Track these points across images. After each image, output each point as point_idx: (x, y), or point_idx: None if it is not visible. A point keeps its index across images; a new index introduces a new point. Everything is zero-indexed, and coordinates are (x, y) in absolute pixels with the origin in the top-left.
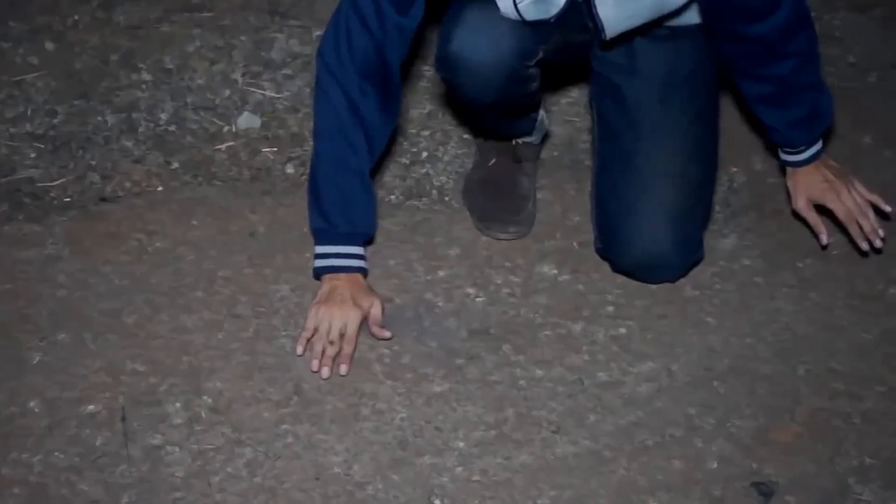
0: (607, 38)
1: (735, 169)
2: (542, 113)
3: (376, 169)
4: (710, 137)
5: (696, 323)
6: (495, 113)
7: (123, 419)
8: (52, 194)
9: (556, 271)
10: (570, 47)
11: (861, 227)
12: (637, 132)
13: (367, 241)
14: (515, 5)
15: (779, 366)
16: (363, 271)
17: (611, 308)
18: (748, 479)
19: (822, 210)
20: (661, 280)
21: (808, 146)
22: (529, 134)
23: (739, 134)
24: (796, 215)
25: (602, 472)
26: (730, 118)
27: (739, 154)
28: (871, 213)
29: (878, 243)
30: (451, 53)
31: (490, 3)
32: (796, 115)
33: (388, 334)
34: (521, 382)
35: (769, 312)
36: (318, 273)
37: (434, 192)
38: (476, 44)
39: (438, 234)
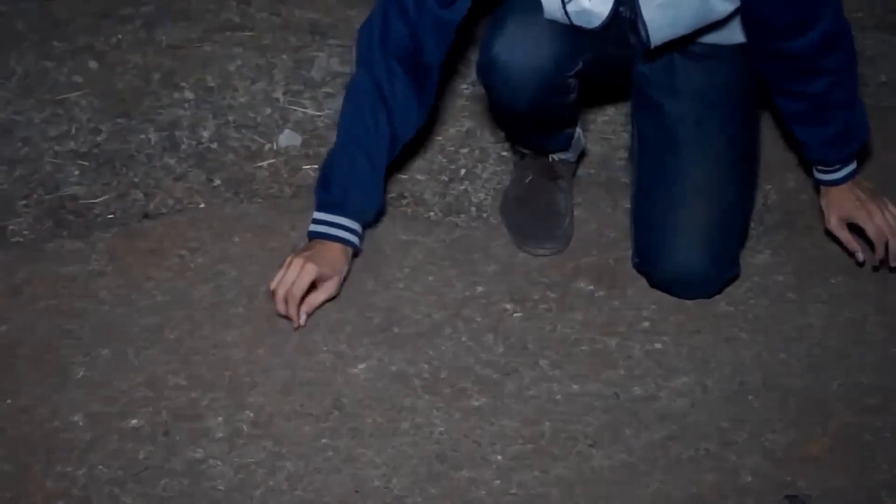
0: (652, 46)
1: (769, 186)
2: (578, 130)
3: (401, 161)
4: (748, 156)
5: (729, 338)
6: (532, 123)
7: (166, 433)
8: (95, 211)
9: (592, 287)
10: (610, 62)
11: (888, 247)
12: (676, 149)
13: (365, 218)
14: (564, 6)
15: (810, 380)
16: (349, 244)
17: (646, 324)
18: (781, 492)
19: (853, 229)
20: (697, 296)
21: (843, 165)
22: (566, 150)
23: (773, 152)
24: (829, 234)
25: (637, 486)
26: (764, 136)
27: (773, 172)
28: None
29: None
30: (491, 59)
31: (532, 13)
32: (831, 133)
33: (303, 314)
34: (558, 397)
35: (801, 328)
36: (310, 237)
37: (472, 208)
38: (516, 50)
39: (476, 251)
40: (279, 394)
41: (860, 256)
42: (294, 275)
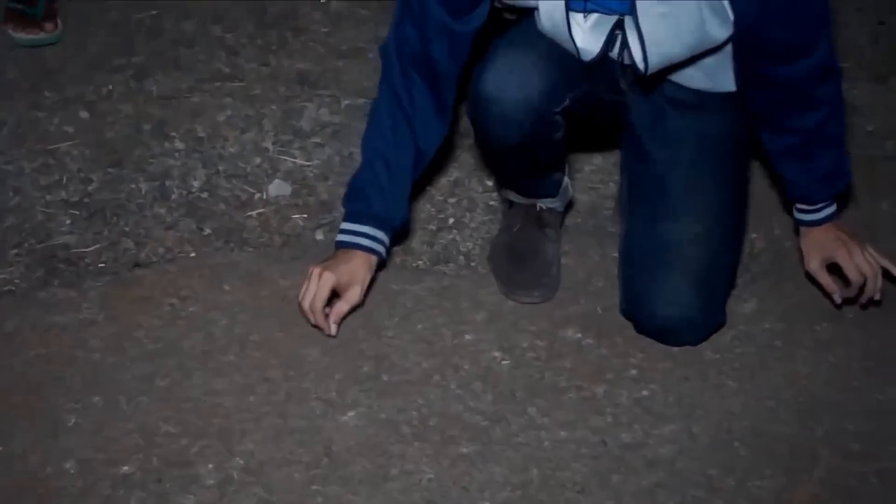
0: (648, 71)
1: (755, 235)
2: (566, 179)
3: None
4: (737, 203)
5: (716, 385)
6: (520, 162)
7: (158, 480)
8: (86, 260)
9: (580, 335)
10: (599, 104)
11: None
12: (665, 197)
13: (389, 226)
14: (568, 23)
15: (797, 427)
16: (373, 252)
17: (633, 371)
18: None
19: (831, 271)
20: (684, 342)
21: (826, 206)
22: (554, 196)
23: (759, 200)
24: (808, 276)
25: None
26: (751, 184)
27: (760, 219)
28: (880, 277)
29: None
30: (480, 92)
31: (521, 50)
32: (819, 170)
33: (333, 324)
34: (546, 444)
35: (788, 375)
36: (336, 247)
37: (461, 257)
38: (505, 84)
39: (465, 299)
40: (270, 441)
41: (838, 298)
42: (314, 287)
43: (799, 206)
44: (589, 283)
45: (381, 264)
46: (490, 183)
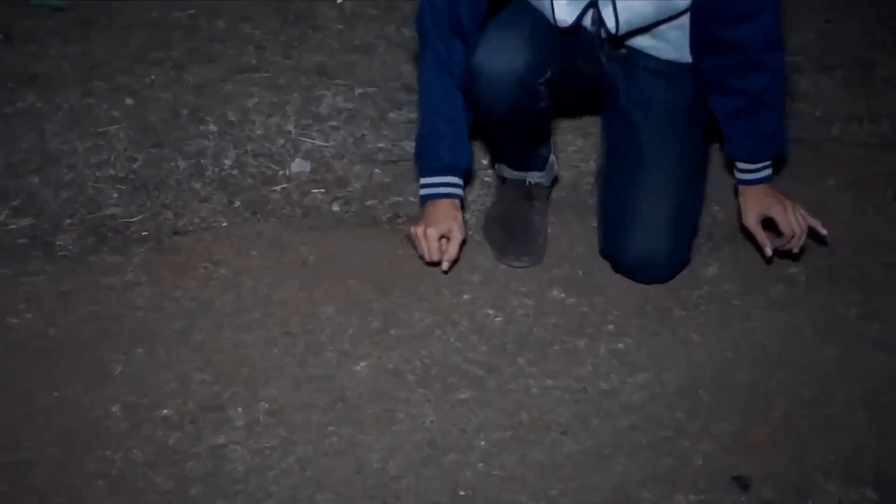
0: (619, 31)
1: (717, 207)
2: (552, 157)
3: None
4: (701, 159)
5: (683, 339)
6: (509, 131)
7: (193, 422)
8: (131, 229)
9: (563, 295)
10: (578, 76)
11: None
12: (638, 150)
13: (460, 169)
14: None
15: (754, 376)
16: (454, 196)
17: (611, 327)
18: (728, 473)
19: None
20: (654, 278)
21: (765, 167)
22: (541, 170)
23: (721, 178)
24: (744, 231)
25: (603, 468)
26: (713, 165)
27: (721, 196)
28: (805, 235)
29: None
30: (473, 67)
31: (511, 27)
32: (760, 132)
33: (446, 259)
34: (534, 391)
35: (746, 331)
36: (421, 202)
37: None
38: (494, 60)
39: (463, 264)
40: (291, 388)
41: (769, 251)
42: (425, 244)
43: (740, 166)
44: (571, 250)
45: (463, 204)
46: (485, 162)
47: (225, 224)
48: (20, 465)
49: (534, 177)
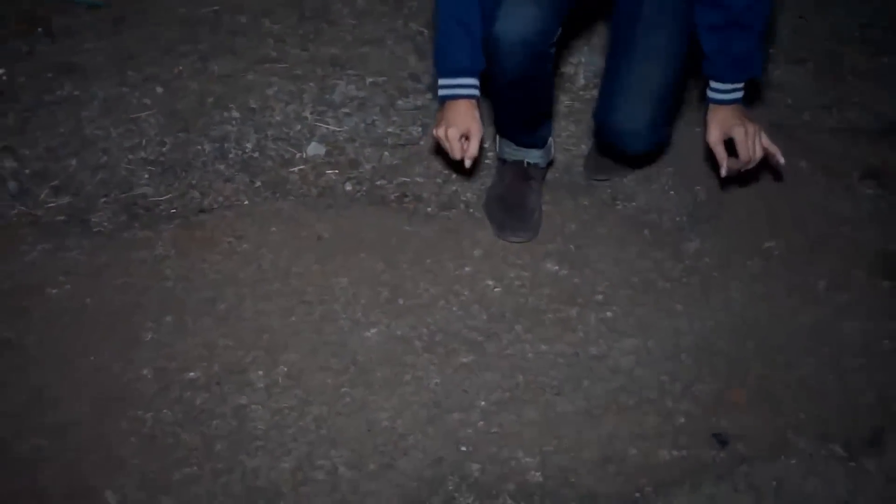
0: None
1: (699, 187)
2: (551, 140)
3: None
4: (685, 53)
5: (667, 309)
6: (524, 93)
7: (218, 384)
8: (160, 207)
9: (557, 267)
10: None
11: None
12: (635, 42)
13: (475, 72)
14: None
15: (732, 343)
16: (470, 97)
17: (600, 297)
18: (708, 431)
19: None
20: (634, 148)
21: (735, 90)
22: (541, 148)
23: (705, 162)
24: (707, 148)
25: (593, 426)
26: (697, 148)
27: (704, 178)
28: (757, 162)
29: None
30: (489, 34)
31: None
32: (734, 53)
33: (468, 157)
34: (530, 355)
35: (724, 301)
36: (439, 102)
37: (462, 205)
38: (510, 31)
39: (465, 239)
40: (307, 353)
41: (724, 171)
42: (448, 144)
43: (712, 84)
44: (564, 226)
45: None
46: (486, 145)
47: (247, 202)
48: (58, 424)
49: (533, 156)
